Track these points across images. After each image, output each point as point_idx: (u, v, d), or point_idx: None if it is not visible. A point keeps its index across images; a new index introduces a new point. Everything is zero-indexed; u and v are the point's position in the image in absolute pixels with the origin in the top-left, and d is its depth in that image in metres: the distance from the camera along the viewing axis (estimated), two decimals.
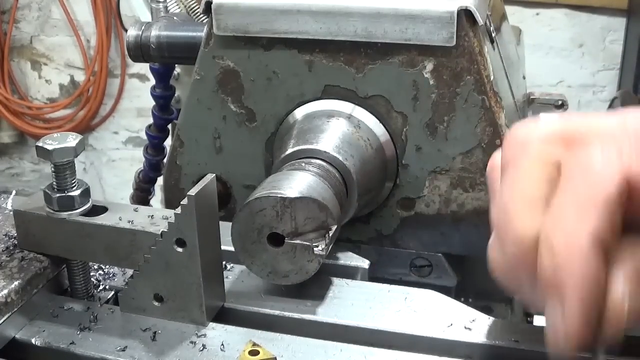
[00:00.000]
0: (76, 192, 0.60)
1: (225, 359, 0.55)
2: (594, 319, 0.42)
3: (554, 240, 0.42)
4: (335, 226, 0.60)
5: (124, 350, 0.56)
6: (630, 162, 0.42)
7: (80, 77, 3.16)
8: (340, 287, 0.64)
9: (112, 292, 0.65)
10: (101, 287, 0.66)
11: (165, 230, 0.56)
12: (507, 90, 0.83)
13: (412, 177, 0.75)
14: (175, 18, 0.96)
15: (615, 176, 0.42)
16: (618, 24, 2.52)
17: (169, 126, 1.10)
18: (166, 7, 1.03)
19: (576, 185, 0.43)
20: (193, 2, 1.03)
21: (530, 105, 1.14)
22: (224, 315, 0.60)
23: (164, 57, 0.86)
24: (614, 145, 0.43)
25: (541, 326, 0.68)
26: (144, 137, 1.13)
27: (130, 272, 0.62)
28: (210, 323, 0.58)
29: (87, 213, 0.60)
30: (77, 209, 0.60)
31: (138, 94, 3.08)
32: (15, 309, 0.58)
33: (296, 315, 0.61)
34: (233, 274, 0.66)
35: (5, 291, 0.57)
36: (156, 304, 0.59)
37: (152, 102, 1.07)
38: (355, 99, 0.74)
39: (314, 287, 0.63)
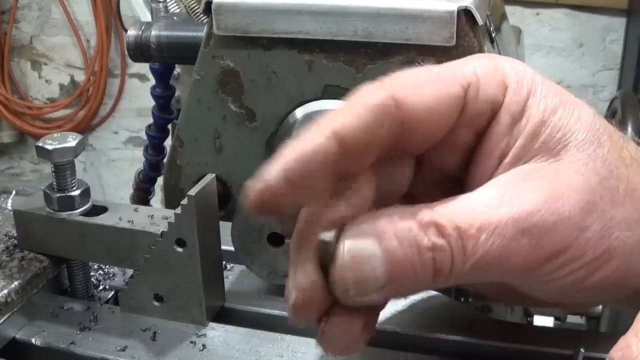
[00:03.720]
0: (76, 192, 0.60)
1: (225, 359, 0.55)
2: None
3: None
4: None
5: (124, 350, 0.55)
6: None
7: (80, 77, 3.16)
8: None
9: (112, 292, 0.65)
10: (101, 287, 0.66)
11: (165, 230, 0.56)
12: None
13: None
14: (175, 18, 0.96)
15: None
16: (618, 24, 2.52)
17: (169, 126, 1.10)
18: (166, 7, 1.03)
19: None
20: (193, 2, 1.03)
21: None
22: (224, 315, 0.60)
23: (164, 57, 0.86)
24: None
25: (541, 326, 0.68)
26: (144, 137, 1.13)
27: (130, 272, 0.62)
28: (210, 323, 0.58)
29: (87, 213, 0.60)
30: (77, 209, 0.60)
31: (138, 94, 3.08)
32: (15, 309, 0.58)
33: None
34: (233, 274, 0.66)
35: (5, 291, 0.57)
36: (156, 304, 0.59)
37: (152, 102, 1.07)
38: None
39: None
